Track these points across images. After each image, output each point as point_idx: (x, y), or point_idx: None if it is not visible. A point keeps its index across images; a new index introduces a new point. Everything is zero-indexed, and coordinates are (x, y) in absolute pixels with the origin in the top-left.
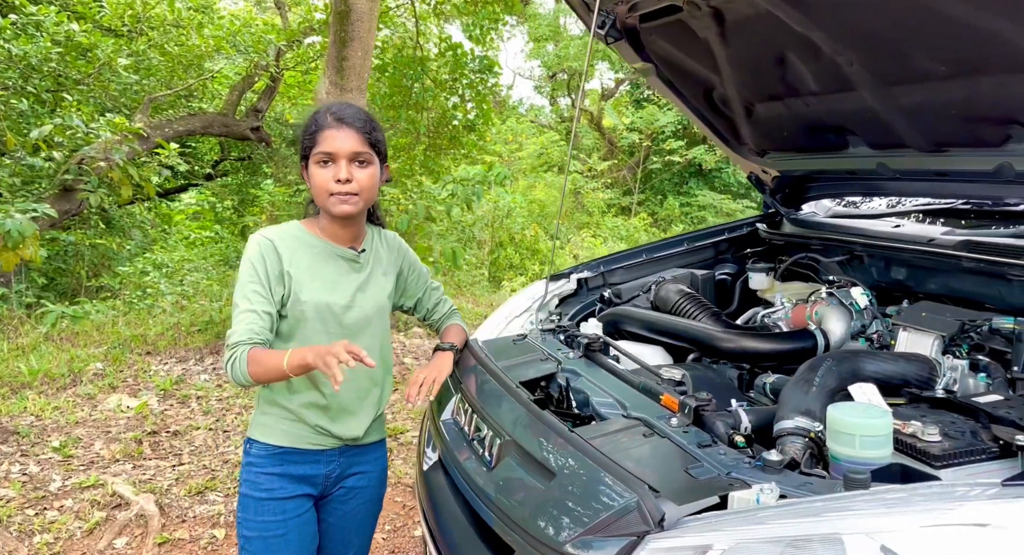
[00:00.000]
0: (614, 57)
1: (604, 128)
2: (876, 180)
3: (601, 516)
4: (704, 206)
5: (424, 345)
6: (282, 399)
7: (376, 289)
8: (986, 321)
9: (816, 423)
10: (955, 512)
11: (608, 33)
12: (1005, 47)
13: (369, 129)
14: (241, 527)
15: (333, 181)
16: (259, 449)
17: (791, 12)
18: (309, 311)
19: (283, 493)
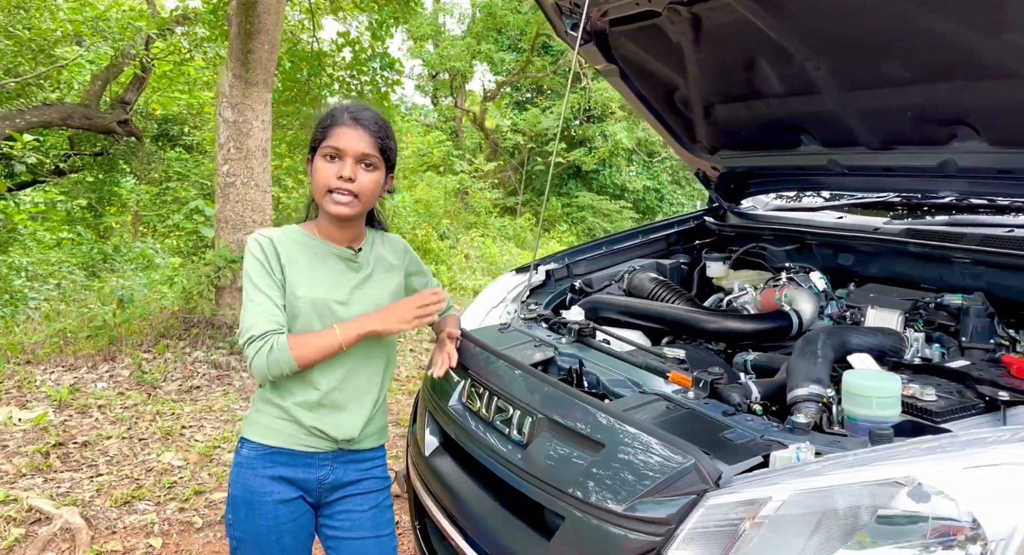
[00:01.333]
0: (496, 58)
1: (487, 129)
2: (824, 175)
3: (660, 478)
4: (583, 207)
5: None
6: (276, 397)
7: (376, 288)
8: (936, 299)
9: (827, 389)
10: (989, 454)
11: (580, 37)
12: (966, 56)
13: (383, 135)
14: (232, 529)
15: (336, 177)
16: (250, 449)
17: (771, 21)
18: (305, 306)
19: (277, 497)
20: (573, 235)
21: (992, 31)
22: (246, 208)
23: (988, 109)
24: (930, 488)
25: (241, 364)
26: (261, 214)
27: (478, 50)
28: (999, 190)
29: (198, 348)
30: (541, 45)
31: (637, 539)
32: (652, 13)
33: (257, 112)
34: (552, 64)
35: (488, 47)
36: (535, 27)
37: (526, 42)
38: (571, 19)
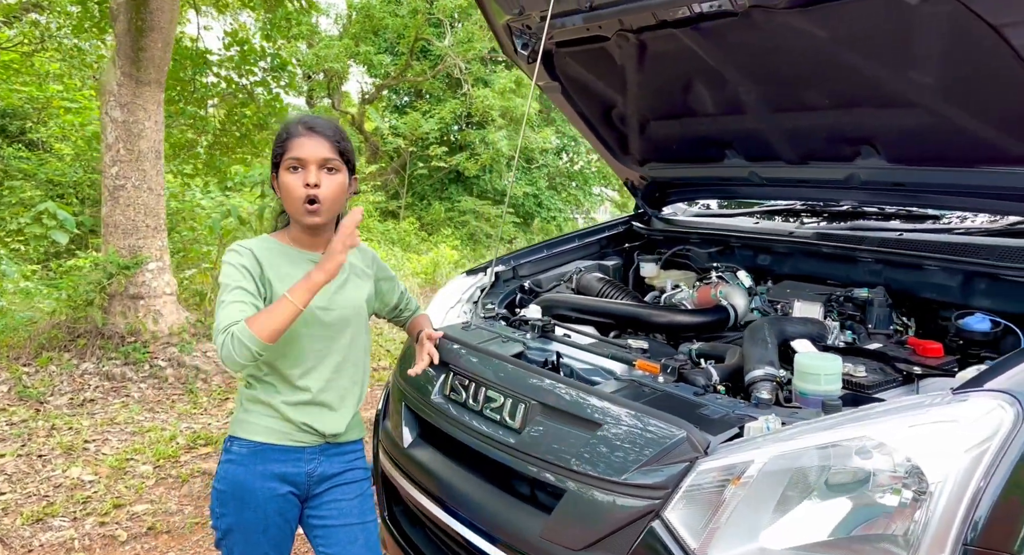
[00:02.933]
0: (375, 61)
1: (366, 131)
2: (744, 185)
3: (657, 449)
4: (465, 211)
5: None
6: (266, 397)
7: (352, 291)
8: (846, 293)
9: (779, 370)
10: (928, 414)
11: (528, 56)
12: (875, 87)
13: (338, 138)
14: (219, 520)
15: (302, 186)
16: (240, 446)
17: (711, 50)
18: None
19: (268, 492)
20: (457, 239)
21: (899, 68)
22: (138, 212)
23: (889, 132)
24: (877, 444)
25: (139, 375)
26: (155, 219)
27: (356, 51)
28: (893, 200)
29: (87, 359)
30: (420, 49)
31: (638, 503)
32: (601, 38)
33: (150, 112)
34: (432, 68)
35: (367, 49)
36: (414, 31)
37: (404, 46)
38: (521, 39)
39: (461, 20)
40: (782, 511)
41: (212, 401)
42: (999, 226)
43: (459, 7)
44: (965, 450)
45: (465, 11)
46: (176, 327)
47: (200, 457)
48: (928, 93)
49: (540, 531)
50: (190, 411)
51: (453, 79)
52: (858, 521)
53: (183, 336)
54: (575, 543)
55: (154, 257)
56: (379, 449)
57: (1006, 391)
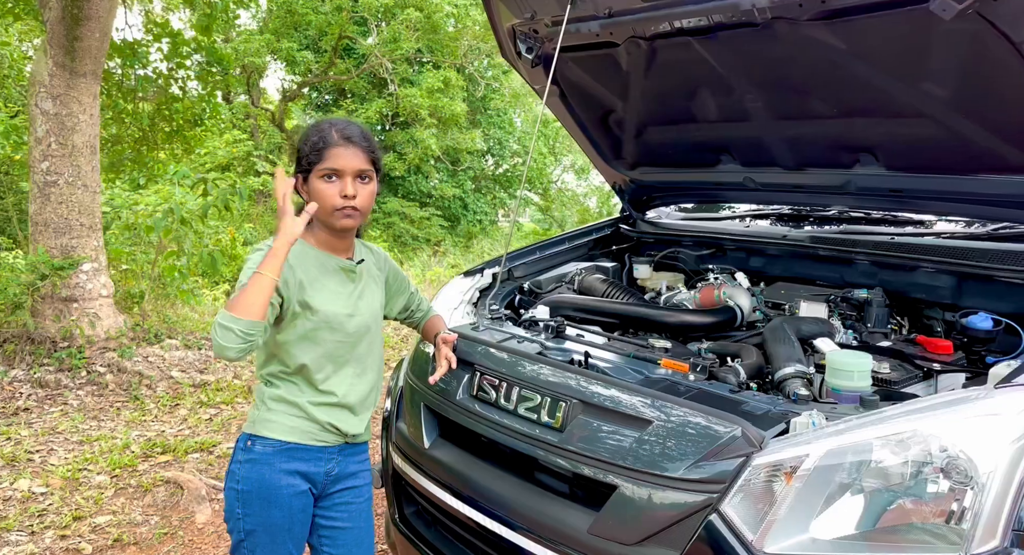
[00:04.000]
0: (298, 58)
1: (287, 130)
2: (738, 190)
3: (713, 445)
4: (390, 212)
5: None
6: (291, 396)
7: (371, 298)
8: (845, 293)
9: (808, 367)
10: (974, 408)
11: (532, 60)
12: (884, 98)
13: (372, 147)
14: (240, 522)
15: (339, 196)
16: (265, 445)
17: (723, 59)
18: (321, 320)
19: (292, 489)
20: (384, 242)
21: (913, 80)
22: (71, 210)
23: (891, 141)
24: (929, 437)
25: (75, 382)
26: (90, 217)
27: (278, 47)
28: (885, 206)
29: (16, 366)
30: (344, 47)
31: (694, 498)
32: (610, 44)
33: (85, 105)
34: (356, 67)
35: (289, 45)
36: (338, 29)
37: (327, 43)
38: (525, 43)
39: (387, 19)
40: (834, 503)
41: (162, 408)
42: (984, 231)
43: (384, 6)
44: (1011, 441)
45: (390, 10)
46: (114, 331)
47: (159, 466)
48: (939, 104)
49: (588, 527)
50: (139, 419)
51: (378, 78)
52: (910, 512)
53: (121, 340)
54: (628, 538)
55: (89, 257)
56: (390, 451)
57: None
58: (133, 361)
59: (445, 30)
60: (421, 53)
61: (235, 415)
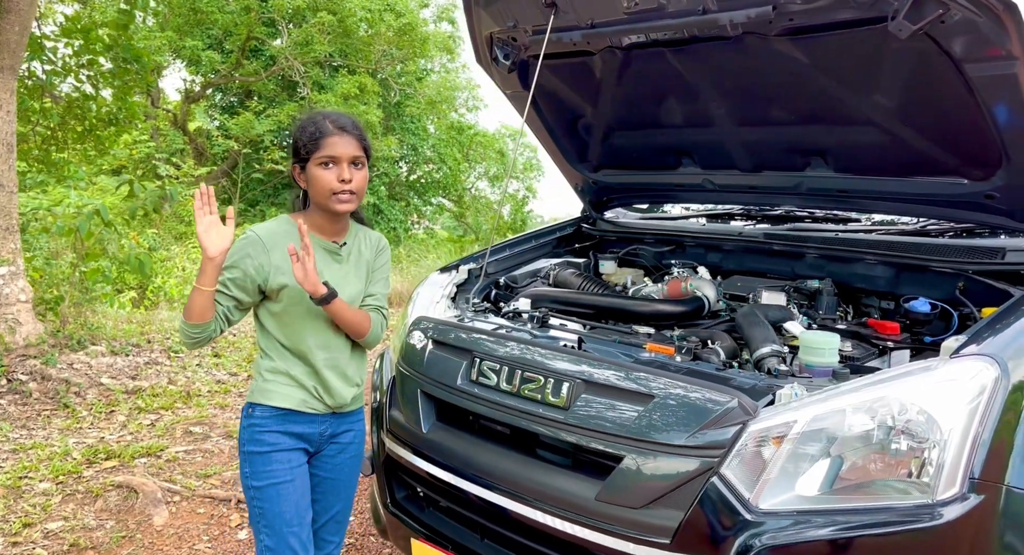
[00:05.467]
0: (204, 58)
1: (190, 132)
2: (696, 191)
3: (713, 415)
4: None
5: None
6: (284, 366)
7: (354, 280)
8: (798, 284)
9: (782, 347)
10: (934, 376)
11: (509, 66)
12: (838, 106)
13: (362, 136)
14: (249, 480)
15: (336, 181)
16: (262, 411)
17: (692, 69)
18: (295, 295)
19: (286, 446)
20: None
21: (864, 91)
22: None
23: (840, 145)
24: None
25: None
26: (7, 218)
27: (181, 46)
28: (831, 205)
29: None
30: (251, 48)
31: (697, 463)
32: (586, 52)
33: (1, 101)
34: (265, 68)
35: (194, 44)
36: (245, 29)
37: (233, 43)
38: (503, 50)
39: (296, 22)
40: (817, 462)
41: (97, 415)
42: (918, 227)
43: (295, 8)
44: (966, 403)
45: (300, 12)
46: (34, 337)
47: (106, 471)
48: (885, 113)
49: (595, 495)
50: (73, 426)
51: (287, 81)
52: (884, 468)
53: (43, 347)
54: (635, 502)
55: (7, 260)
56: (382, 438)
57: (989, 354)
58: (58, 368)
59: (358, 34)
60: (333, 57)
61: (178, 419)
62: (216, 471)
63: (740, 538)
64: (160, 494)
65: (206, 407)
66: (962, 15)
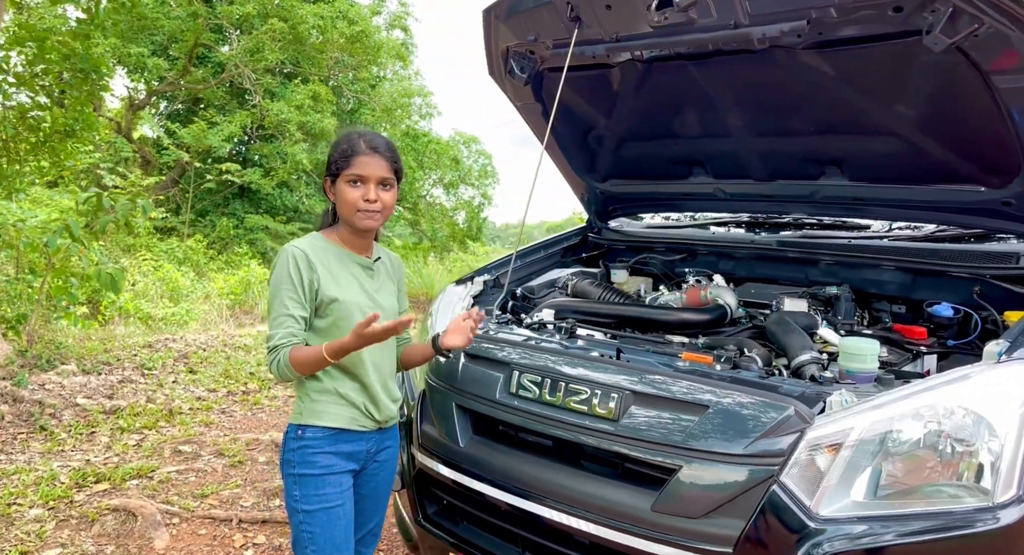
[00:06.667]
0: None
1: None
2: (706, 200)
3: (771, 423)
4: (254, 228)
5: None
6: (332, 385)
7: (387, 295)
8: (817, 290)
9: (820, 354)
10: (983, 381)
11: (526, 79)
12: (859, 117)
13: (395, 158)
14: (299, 504)
15: (362, 200)
16: (314, 432)
17: (713, 81)
18: (346, 309)
19: (338, 469)
20: (254, 257)
21: (888, 102)
22: None
23: (857, 155)
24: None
25: None
26: None
27: (126, 53)
28: (849, 213)
29: None
30: (198, 55)
31: (757, 471)
32: (606, 65)
33: None
34: (213, 76)
35: (139, 50)
36: (193, 35)
37: (179, 50)
38: (519, 63)
39: (245, 29)
40: (875, 468)
41: (77, 437)
42: (934, 233)
43: (244, 15)
44: (1019, 406)
45: (249, 20)
46: (2, 358)
47: (99, 494)
48: (906, 123)
49: (651, 505)
50: (54, 449)
51: (237, 89)
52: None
53: (11, 368)
54: (694, 512)
55: None
56: (413, 453)
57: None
58: (30, 389)
59: (310, 42)
60: (285, 64)
61: (164, 439)
62: (213, 490)
63: (804, 546)
64: (159, 516)
65: (191, 425)
66: (995, 28)
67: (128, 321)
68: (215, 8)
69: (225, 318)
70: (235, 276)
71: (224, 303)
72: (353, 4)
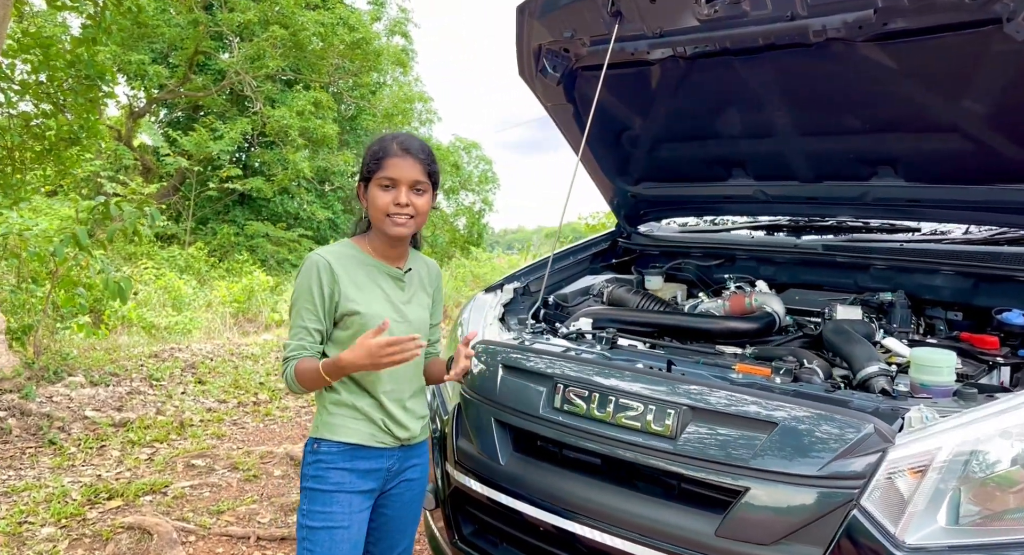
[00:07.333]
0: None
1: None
2: (745, 203)
3: (848, 442)
4: (255, 235)
5: None
6: (350, 399)
7: (419, 306)
8: (863, 297)
9: (889, 366)
10: None
11: (559, 80)
12: (922, 113)
13: (429, 161)
14: (305, 519)
15: (393, 204)
16: (329, 446)
17: (761, 77)
18: (370, 321)
19: (351, 487)
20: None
21: (954, 97)
22: None
23: (915, 154)
24: None
25: None
26: None
27: (127, 61)
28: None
29: None
30: (199, 62)
31: (835, 494)
32: (645, 62)
33: None
34: (214, 83)
35: (140, 58)
36: (193, 43)
37: (179, 57)
38: (551, 62)
39: (246, 36)
40: (965, 492)
41: (87, 451)
42: (981, 236)
43: (245, 22)
44: None
45: (249, 27)
46: (9, 370)
47: (112, 512)
48: (973, 119)
49: (715, 530)
50: (64, 464)
51: (238, 96)
52: None
53: (18, 380)
54: (764, 538)
55: None
56: (447, 470)
57: None
58: (38, 403)
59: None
60: (285, 71)
61: (176, 452)
62: (229, 507)
63: None
64: (175, 534)
65: (203, 438)
66: None
67: (131, 330)
68: (215, 15)
69: (229, 326)
70: (238, 284)
71: (228, 311)
72: (353, 10)
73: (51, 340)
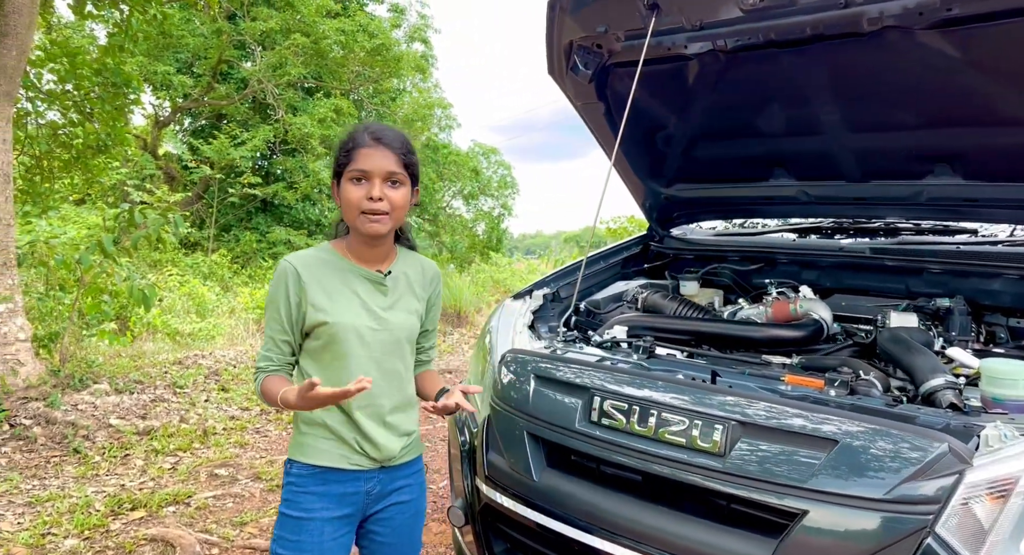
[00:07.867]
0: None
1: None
2: (786, 204)
3: (920, 463)
4: (276, 242)
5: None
6: (320, 416)
7: (402, 312)
8: (917, 303)
9: (956, 377)
10: None
11: (590, 77)
12: (985, 105)
13: (405, 151)
14: (275, 544)
15: (365, 199)
16: (300, 469)
17: (809, 70)
18: (340, 332)
19: (325, 514)
20: None
21: (1021, 87)
22: None
23: (976, 150)
24: None
25: None
26: (4, 253)
27: (153, 71)
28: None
29: None
30: (222, 71)
31: (906, 520)
32: (682, 57)
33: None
34: (237, 91)
35: (165, 69)
36: (217, 52)
37: (202, 67)
38: (583, 58)
39: (268, 44)
40: None
41: (111, 460)
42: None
43: (267, 30)
44: None
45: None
46: (35, 378)
47: (135, 523)
48: None
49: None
50: (88, 473)
51: (260, 104)
52: None
53: (44, 388)
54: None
55: (8, 297)
56: (476, 485)
57: None
58: (63, 411)
59: (332, 56)
60: (307, 78)
61: (199, 462)
62: (252, 518)
63: None
64: (198, 547)
65: (226, 446)
66: None
67: (156, 337)
68: (238, 25)
69: (252, 332)
70: (260, 290)
71: (251, 317)
72: (374, 18)
73: (77, 347)
